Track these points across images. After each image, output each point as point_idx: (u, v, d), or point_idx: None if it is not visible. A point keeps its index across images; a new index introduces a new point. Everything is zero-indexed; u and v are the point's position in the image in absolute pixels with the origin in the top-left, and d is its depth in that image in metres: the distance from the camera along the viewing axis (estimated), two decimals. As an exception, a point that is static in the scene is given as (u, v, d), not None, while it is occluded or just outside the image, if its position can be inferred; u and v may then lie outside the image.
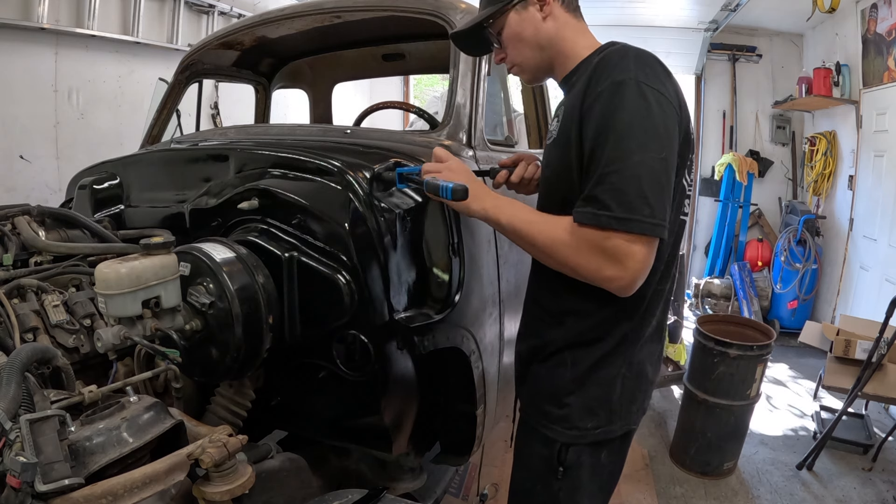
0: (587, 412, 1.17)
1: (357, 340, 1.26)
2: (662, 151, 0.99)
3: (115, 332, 1.01)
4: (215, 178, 1.53)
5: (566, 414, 1.17)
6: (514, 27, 1.19)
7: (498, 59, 1.28)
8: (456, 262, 1.41)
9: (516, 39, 1.20)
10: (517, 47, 1.21)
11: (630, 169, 0.97)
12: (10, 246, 1.40)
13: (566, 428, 1.18)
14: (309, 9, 2.01)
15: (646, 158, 0.97)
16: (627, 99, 0.99)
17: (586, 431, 1.17)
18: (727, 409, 2.83)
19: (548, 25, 1.18)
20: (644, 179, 0.97)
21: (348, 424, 1.42)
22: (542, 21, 1.18)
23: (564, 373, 1.18)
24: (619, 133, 0.99)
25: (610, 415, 1.17)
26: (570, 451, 1.19)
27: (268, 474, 1.09)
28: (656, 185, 0.98)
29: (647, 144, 0.98)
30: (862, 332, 3.21)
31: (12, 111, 3.03)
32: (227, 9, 4.41)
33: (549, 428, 1.20)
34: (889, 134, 4.15)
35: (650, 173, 0.98)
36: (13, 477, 0.70)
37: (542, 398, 1.22)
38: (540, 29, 1.18)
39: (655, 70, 1.04)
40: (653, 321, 1.20)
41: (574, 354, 1.17)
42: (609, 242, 0.99)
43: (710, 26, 5.62)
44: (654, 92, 1.00)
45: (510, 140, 2.07)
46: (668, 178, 1.01)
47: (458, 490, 2.47)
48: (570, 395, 1.17)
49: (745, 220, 5.74)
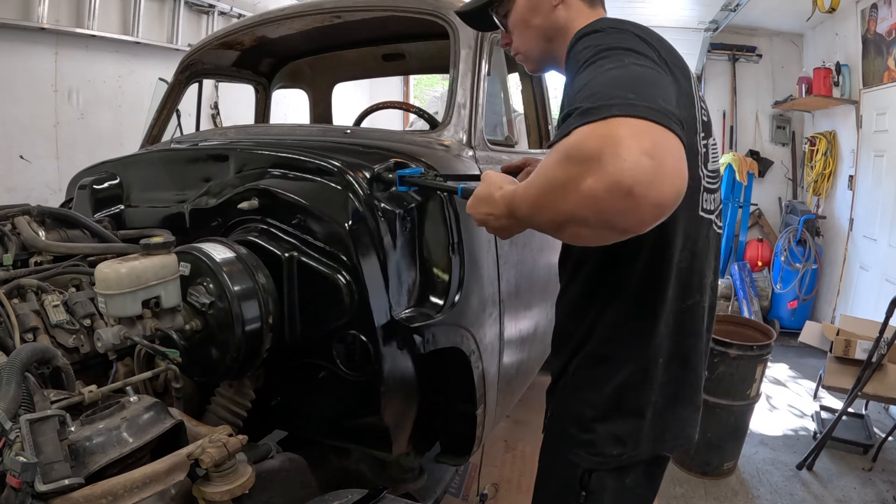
0: (613, 440, 1.08)
1: (357, 340, 1.26)
2: (641, 59, 0.82)
3: (115, 332, 1.01)
4: (215, 178, 1.53)
5: (591, 440, 1.09)
6: (522, 12, 1.10)
7: (503, 44, 1.19)
8: (456, 262, 1.41)
9: (523, 26, 1.11)
10: (523, 34, 1.12)
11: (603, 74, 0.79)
12: (10, 246, 1.40)
13: (590, 454, 1.09)
14: (309, 9, 2.01)
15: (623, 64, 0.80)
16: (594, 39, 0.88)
17: (611, 458, 1.08)
18: (727, 409, 2.82)
19: (558, 14, 1.07)
20: (623, 77, 0.78)
21: (348, 424, 1.42)
22: (552, 9, 1.07)
23: (590, 396, 1.09)
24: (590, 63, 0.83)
25: (637, 442, 1.08)
26: (593, 476, 1.10)
27: (268, 474, 1.09)
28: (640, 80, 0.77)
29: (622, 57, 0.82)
30: (862, 332, 3.21)
31: (12, 111, 3.03)
32: (227, 9, 4.42)
33: (573, 451, 1.11)
34: (889, 134, 4.15)
35: (631, 73, 0.79)
36: (13, 477, 0.70)
37: (567, 420, 1.14)
38: (549, 17, 1.08)
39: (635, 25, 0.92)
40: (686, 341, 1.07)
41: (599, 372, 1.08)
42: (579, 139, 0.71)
43: (710, 26, 5.62)
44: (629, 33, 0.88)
45: (510, 140, 2.07)
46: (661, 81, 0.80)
47: (458, 490, 2.47)
48: (597, 421, 1.08)
49: (745, 220, 5.74)
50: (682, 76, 0.94)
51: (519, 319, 1.84)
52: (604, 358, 1.08)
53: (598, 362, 1.08)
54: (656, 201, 0.69)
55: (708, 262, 1.07)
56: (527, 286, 1.89)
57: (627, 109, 0.70)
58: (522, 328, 1.90)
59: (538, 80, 2.38)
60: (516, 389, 1.98)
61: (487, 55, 1.73)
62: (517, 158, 1.52)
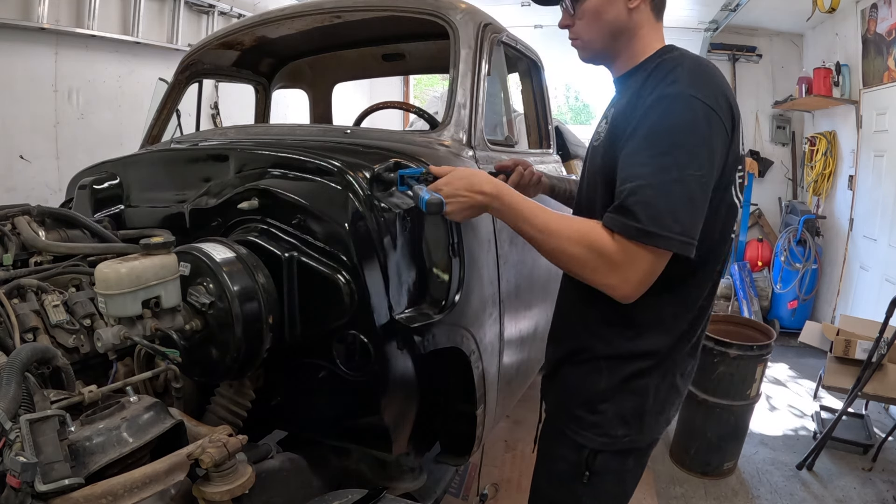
0: (620, 421, 1.15)
1: (357, 340, 1.26)
2: (701, 169, 0.97)
3: (115, 332, 1.01)
4: (215, 178, 1.53)
5: (598, 421, 1.16)
6: (599, 3, 1.11)
7: (562, 24, 1.19)
8: (456, 262, 1.41)
9: (594, 16, 1.12)
10: (591, 24, 1.13)
11: (666, 185, 0.96)
12: (10, 246, 1.40)
13: (597, 434, 1.16)
14: (309, 9, 2.01)
15: (683, 176, 0.95)
16: (673, 113, 0.97)
17: (616, 439, 1.16)
18: (727, 409, 2.82)
19: (631, 16, 1.11)
20: (676, 196, 0.96)
21: (348, 424, 1.42)
22: (627, 10, 1.11)
23: (598, 379, 1.16)
24: (660, 147, 0.97)
25: (641, 425, 1.16)
26: (598, 457, 1.17)
27: (268, 474, 1.09)
28: (689, 203, 0.97)
29: (686, 161, 0.96)
30: (862, 332, 3.21)
31: (12, 111, 3.03)
32: (227, 9, 4.42)
33: (580, 434, 1.18)
34: (889, 134, 4.15)
35: (685, 191, 0.96)
36: (13, 477, 0.70)
37: (574, 402, 1.20)
38: (622, 16, 1.11)
39: (710, 83, 1.01)
40: (694, 338, 1.18)
41: (611, 364, 1.15)
42: (629, 253, 0.98)
43: (710, 26, 5.61)
44: (704, 107, 0.97)
45: (510, 140, 2.07)
46: (704, 196, 0.99)
47: (458, 490, 2.47)
48: (604, 402, 1.15)
49: (745, 220, 5.74)
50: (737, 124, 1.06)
51: (519, 319, 1.84)
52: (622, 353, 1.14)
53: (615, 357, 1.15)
54: (627, 299, 1.03)
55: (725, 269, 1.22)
56: (527, 286, 1.89)
57: (674, 245, 0.96)
58: (522, 328, 1.90)
59: (538, 81, 2.38)
60: (516, 389, 1.98)
61: (487, 55, 1.73)
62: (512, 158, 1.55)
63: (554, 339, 1.31)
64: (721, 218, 1.08)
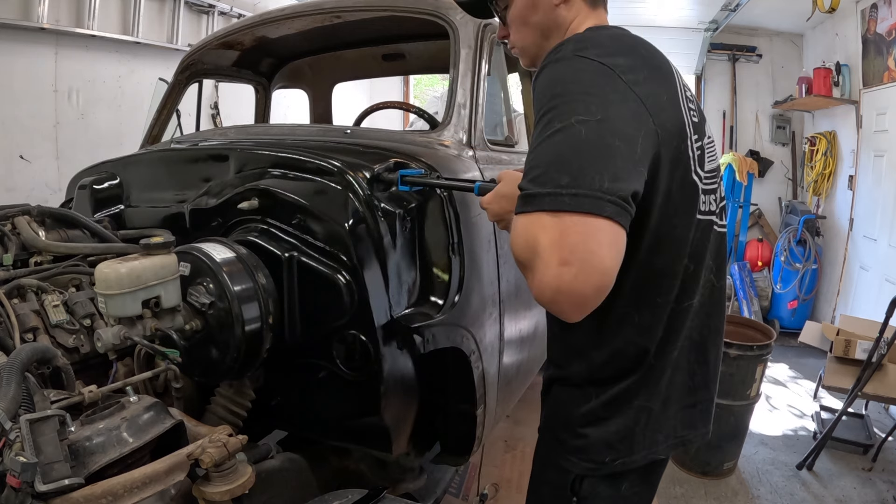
0: (605, 446, 1.05)
1: (357, 340, 1.26)
2: (591, 115, 0.81)
3: (115, 332, 1.01)
4: (215, 178, 1.53)
5: (582, 445, 1.06)
6: (522, 9, 1.07)
7: (500, 36, 1.17)
8: (456, 262, 1.41)
9: (521, 22, 1.09)
10: (521, 30, 1.10)
11: (547, 141, 0.82)
12: (10, 246, 1.40)
13: (582, 460, 1.06)
14: (309, 9, 2.01)
15: (566, 124, 0.81)
16: (554, 75, 0.88)
17: (603, 465, 1.05)
18: (727, 409, 2.82)
19: (559, 13, 1.05)
20: (561, 146, 0.80)
21: (348, 424, 1.41)
22: (553, 7, 1.04)
23: (581, 402, 1.06)
24: (540, 111, 0.86)
25: (631, 446, 1.05)
26: (584, 482, 1.07)
27: (268, 474, 1.09)
28: (580, 149, 0.79)
29: (568, 111, 0.82)
30: (862, 332, 3.21)
31: (12, 111, 3.03)
32: (227, 9, 4.42)
33: (564, 457, 1.09)
34: (889, 134, 4.15)
35: (569, 139, 0.80)
36: (13, 477, 0.70)
37: (558, 425, 1.12)
38: (549, 16, 1.05)
39: (605, 45, 0.91)
40: (678, 344, 1.04)
41: (592, 388, 1.06)
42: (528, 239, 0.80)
43: (710, 26, 5.62)
44: (591, 63, 0.86)
45: (510, 140, 2.07)
46: (604, 142, 0.81)
47: (458, 490, 2.47)
48: (588, 426, 1.05)
49: (745, 220, 5.74)
50: (663, 84, 0.93)
51: (519, 319, 1.84)
52: (598, 364, 1.04)
53: (592, 368, 1.05)
54: (577, 301, 0.78)
55: (705, 264, 1.04)
56: (526, 286, 1.89)
57: (556, 203, 0.76)
58: (522, 328, 1.90)
59: (538, 80, 2.38)
60: (516, 389, 1.98)
61: (487, 55, 1.73)
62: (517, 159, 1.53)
63: (546, 363, 1.23)
64: (675, 201, 0.93)
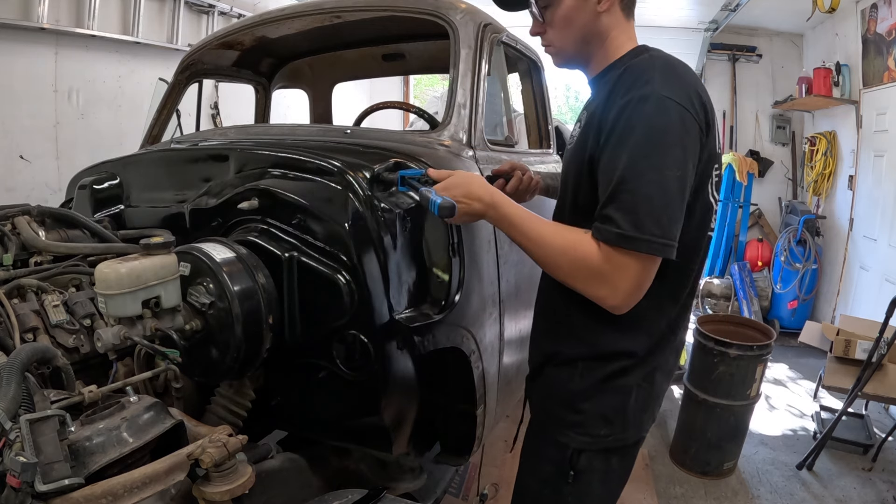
0: (602, 420, 1.15)
1: (357, 340, 1.26)
2: (679, 169, 0.97)
3: (115, 332, 1.01)
4: (215, 178, 1.53)
5: (580, 420, 1.16)
6: (568, 10, 1.10)
7: (533, 32, 1.19)
8: (456, 262, 1.41)
9: (565, 23, 1.12)
10: (562, 31, 1.13)
11: (644, 188, 0.95)
12: (10, 246, 1.40)
13: (580, 434, 1.16)
14: (309, 9, 2.01)
15: (661, 177, 0.96)
16: (647, 115, 0.97)
17: (599, 438, 1.16)
18: (727, 409, 2.82)
19: (602, 20, 1.11)
20: (656, 199, 0.96)
21: (348, 424, 1.41)
22: (597, 14, 1.10)
23: (579, 379, 1.16)
24: (636, 150, 0.96)
25: (624, 423, 1.16)
26: (581, 456, 1.17)
27: (268, 474, 1.09)
28: (669, 205, 0.97)
29: (663, 162, 0.96)
30: (862, 332, 3.21)
31: (12, 111, 3.03)
32: (227, 9, 4.42)
33: (562, 433, 1.18)
34: (889, 134, 4.15)
35: (663, 192, 0.96)
36: (13, 477, 0.70)
37: (556, 402, 1.20)
38: (593, 21, 1.10)
39: (682, 82, 1.01)
40: (674, 337, 1.18)
41: (591, 365, 1.15)
42: (613, 261, 0.98)
43: (710, 26, 5.62)
44: (677, 107, 0.97)
45: (510, 140, 2.06)
46: (682, 196, 0.99)
47: (458, 490, 2.47)
48: (586, 401, 1.15)
49: (745, 220, 5.74)
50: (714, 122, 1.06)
51: (519, 319, 1.84)
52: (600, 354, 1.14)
53: (593, 357, 1.15)
54: (619, 309, 1.03)
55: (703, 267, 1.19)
56: (527, 286, 1.89)
57: (650, 248, 0.96)
58: (522, 328, 1.90)
59: (538, 81, 2.38)
60: (516, 389, 1.98)
61: (487, 55, 1.73)
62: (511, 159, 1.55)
63: (535, 341, 1.31)
64: (696, 218, 1.07)
